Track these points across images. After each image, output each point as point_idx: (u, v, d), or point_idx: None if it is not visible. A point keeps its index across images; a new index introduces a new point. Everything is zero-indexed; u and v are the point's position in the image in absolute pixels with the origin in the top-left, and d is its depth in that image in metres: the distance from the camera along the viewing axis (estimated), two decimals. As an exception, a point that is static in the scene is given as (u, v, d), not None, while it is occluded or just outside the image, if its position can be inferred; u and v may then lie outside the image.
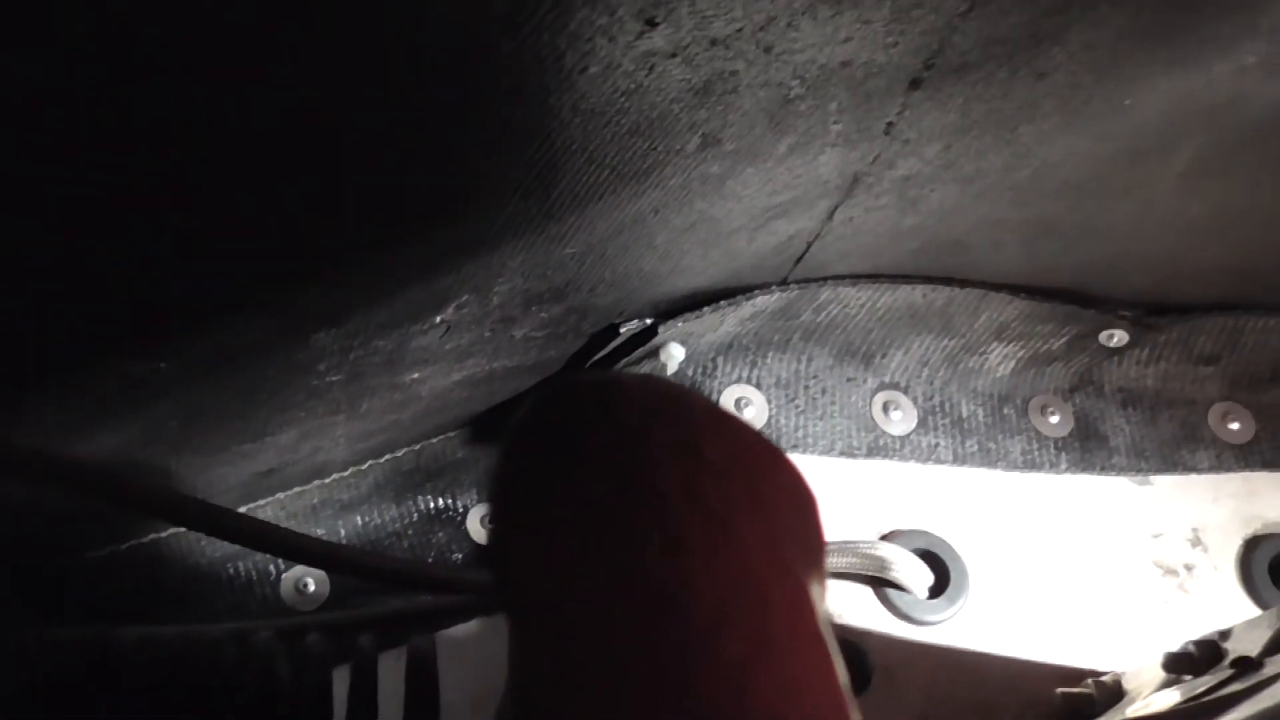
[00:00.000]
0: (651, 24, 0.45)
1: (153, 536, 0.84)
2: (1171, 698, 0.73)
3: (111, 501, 0.61)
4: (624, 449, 0.40)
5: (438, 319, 0.66)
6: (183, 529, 0.82)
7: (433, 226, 0.57)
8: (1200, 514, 0.95)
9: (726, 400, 0.90)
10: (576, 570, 0.38)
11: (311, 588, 0.89)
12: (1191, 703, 0.69)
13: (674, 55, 0.48)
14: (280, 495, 0.89)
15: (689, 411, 0.43)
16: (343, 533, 0.92)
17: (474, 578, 0.77)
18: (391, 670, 0.61)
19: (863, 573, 0.86)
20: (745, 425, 0.45)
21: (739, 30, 0.48)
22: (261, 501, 0.88)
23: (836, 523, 0.88)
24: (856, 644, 0.84)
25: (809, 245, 0.79)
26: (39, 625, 0.77)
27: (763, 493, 0.41)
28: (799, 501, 0.43)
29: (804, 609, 0.38)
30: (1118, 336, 0.94)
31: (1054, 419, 0.96)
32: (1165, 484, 0.96)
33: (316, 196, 0.50)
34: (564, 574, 0.38)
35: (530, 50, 0.43)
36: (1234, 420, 0.97)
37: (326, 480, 0.90)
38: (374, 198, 0.53)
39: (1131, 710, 0.76)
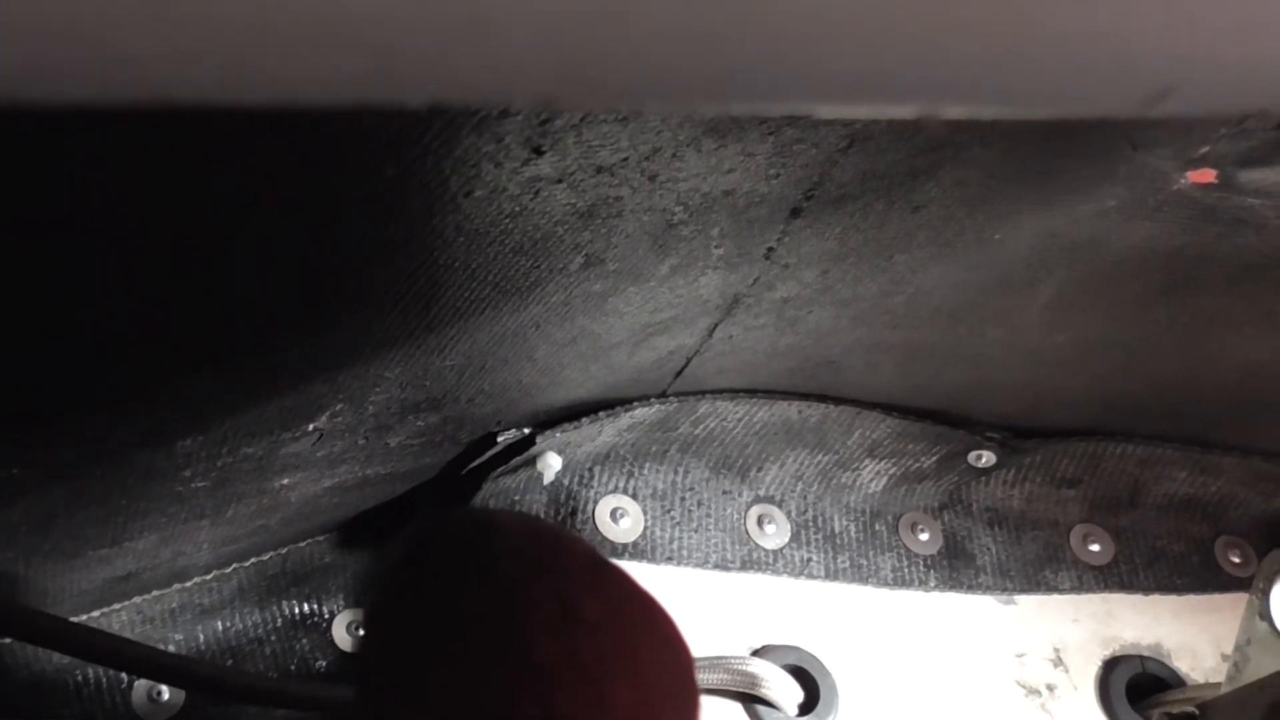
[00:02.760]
0: (538, 152, 0.45)
1: (-4, 641, 0.80)
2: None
3: None
4: (502, 608, 0.40)
5: (310, 427, 0.65)
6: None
7: (308, 335, 0.56)
8: (1062, 634, 0.97)
9: (602, 510, 0.90)
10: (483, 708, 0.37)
11: (165, 696, 0.85)
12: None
13: (560, 181, 0.49)
14: (137, 599, 0.85)
15: (567, 564, 0.43)
16: (202, 638, 0.89)
17: (333, 694, 0.75)
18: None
19: (734, 689, 0.86)
20: (622, 576, 0.44)
21: (624, 159, 0.49)
22: (117, 606, 0.84)
23: (708, 637, 0.88)
24: (725, 763, 0.84)
25: (688, 360, 0.80)
26: None
27: (638, 651, 0.41)
28: (674, 656, 0.43)
29: None
30: (985, 457, 0.96)
31: (924, 536, 0.97)
32: (1029, 603, 0.97)
33: (185, 302, 0.49)
34: None
35: (414, 173, 0.43)
36: (1094, 542, 1.00)
37: (187, 584, 0.87)
38: (246, 305, 0.52)
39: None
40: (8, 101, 0.15)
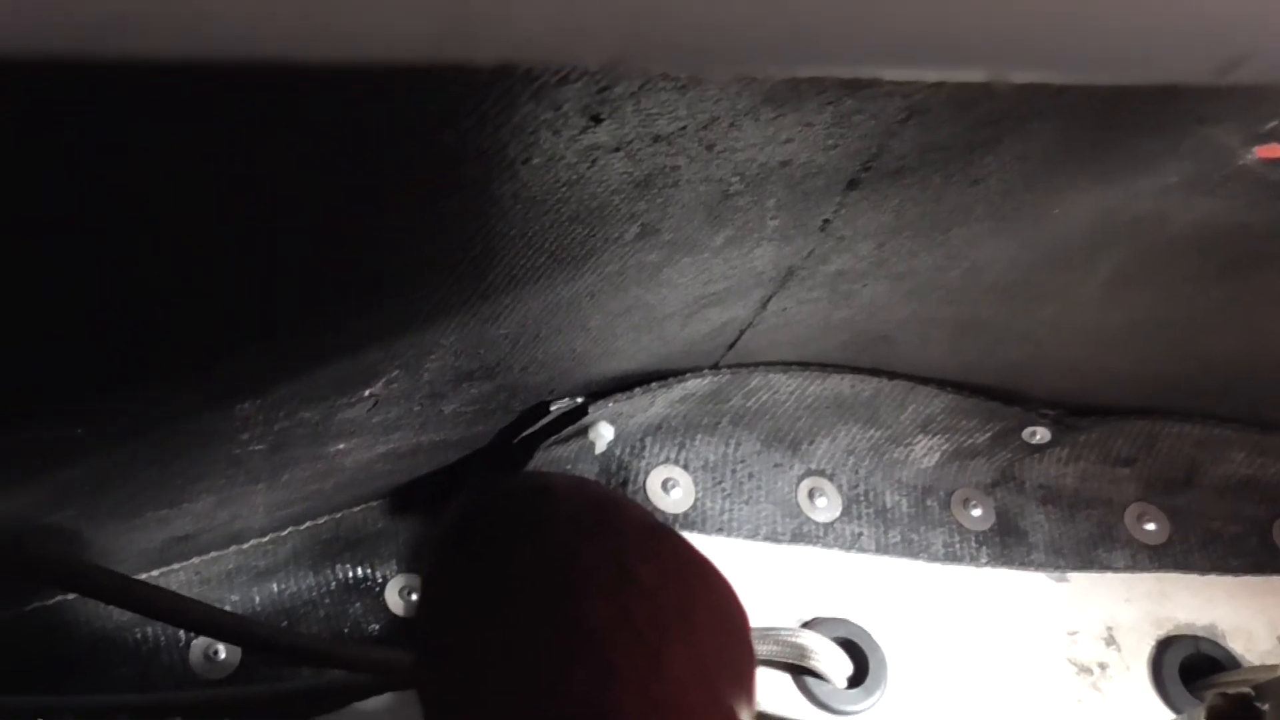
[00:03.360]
0: (596, 120, 0.45)
1: (58, 599, 0.81)
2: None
3: (3, 569, 0.59)
4: (555, 572, 0.40)
5: (366, 393, 0.66)
6: (89, 594, 0.80)
7: (365, 305, 0.56)
8: (1115, 613, 0.96)
9: (654, 481, 0.90)
10: (508, 695, 0.37)
11: (222, 655, 0.87)
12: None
13: (617, 149, 0.49)
14: (195, 560, 0.86)
15: (622, 527, 0.43)
16: (257, 600, 0.90)
17: (387, 657, 0.76)
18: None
19: (782, 660, 0.86)
20: (678, 540, 0.44)
21: (682, 128, 0.49)
22: (175, 566, 0.86)
23: (758, 608, 0.88)
24: (774, 734, 0.84)
25: (741, 333, 0.80)
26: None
27: (695, 615, 0.41)
28: (730, 622, 0.43)
29: None
30: (1040, 434, 0.95)
31: (976, 512, 0.97)
32: (1081, 581, 0.97)
33: (247, 272, 0.50)
34: (496, 698, 0.37)
35: (472, 141, 0.43)
36: (1149, 521, 0.99)
37: (244, 546, 0.88)
38: (306, 275, 0.52)
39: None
40: (82, 55, 0.15)
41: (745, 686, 0.42)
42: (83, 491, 0.65)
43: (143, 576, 0.84)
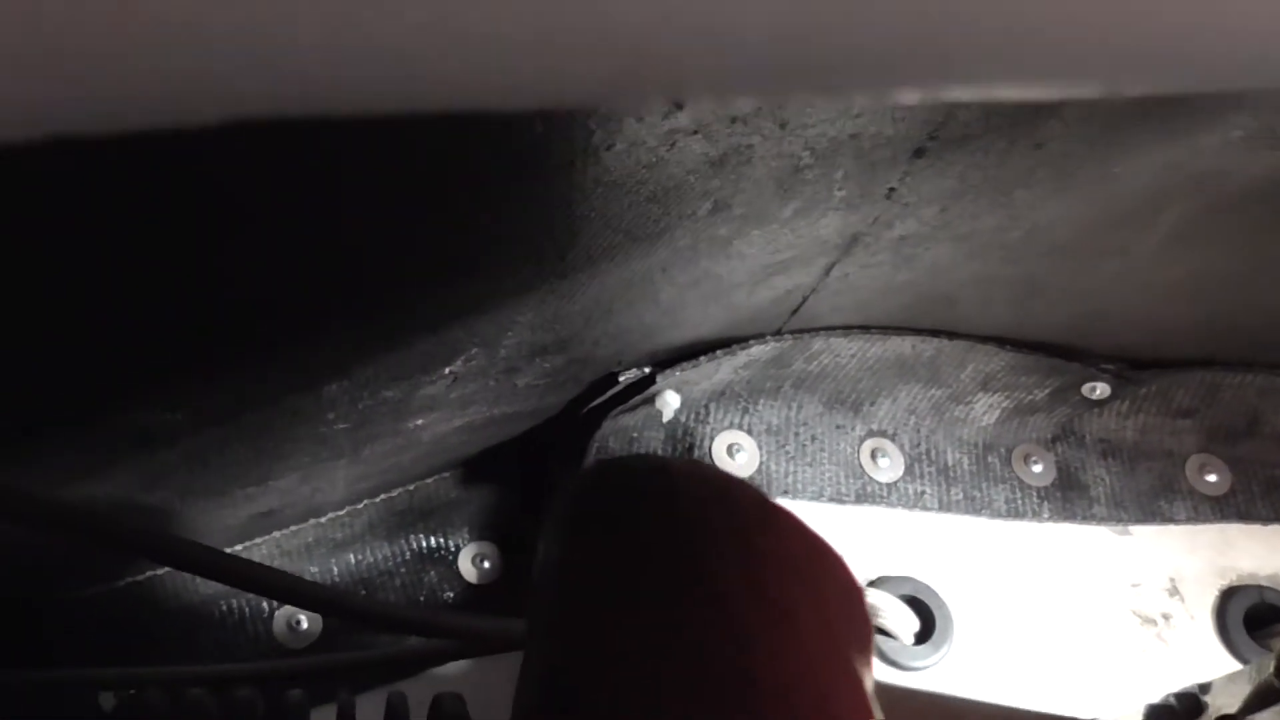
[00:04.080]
0: (679, 105, 0.46)
1: (149, 574, 0.84)
2: (1154, 748, 0.75)
3: (103, 544, 0.61)
4: (684, 543, 0.41)
5: (446, 370, 0.68)
6: (177, 568, 0.82)
7: (448, 286, 0.58)
8: (1177, 564, 0.97)
9: (719, 446, 0.91)
10: (647, 658, 0.38)
11: (304, 625, 0.90)
12: (1174, 756, 0.71)
13: (695, 132, 0.50)
14: (276, 534, 0.89)
15: (738, 503, 0.44)
16: (336, 571, 0.93)
17: (469, 624, 0.78)
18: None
19: (850, 619, 0.87)
20: (790, 516, 0.46)
21: (758, 109, 0.50)
22: (258, 540, 0.88)
23: (825, 569, 0.90)
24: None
25: (805, 299, 0.81)
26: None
27: (818, 584, 0.42)
28: (850, 593, 0.45)
29: (860, 702, 0.40)
30: (1099, 389, 0.96)
31: (1037, 468, 0.98)
32: (1144, 534, 0.98)
33: (334, 261, 0.52)
34: (631, 667, 0.38)
35: (560, 130, 0.45)
36: (1211, 472, 1.00)
37: (322, 520, 0.91)
38: (392, 260, 0.54)
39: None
40: (295, 114, 0.17)
41: (866, 653, 0.43)
42: (178, 472, 0.68)
43: (226, 550, 0.87)
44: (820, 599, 0.42)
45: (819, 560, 0.44)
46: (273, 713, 0.58)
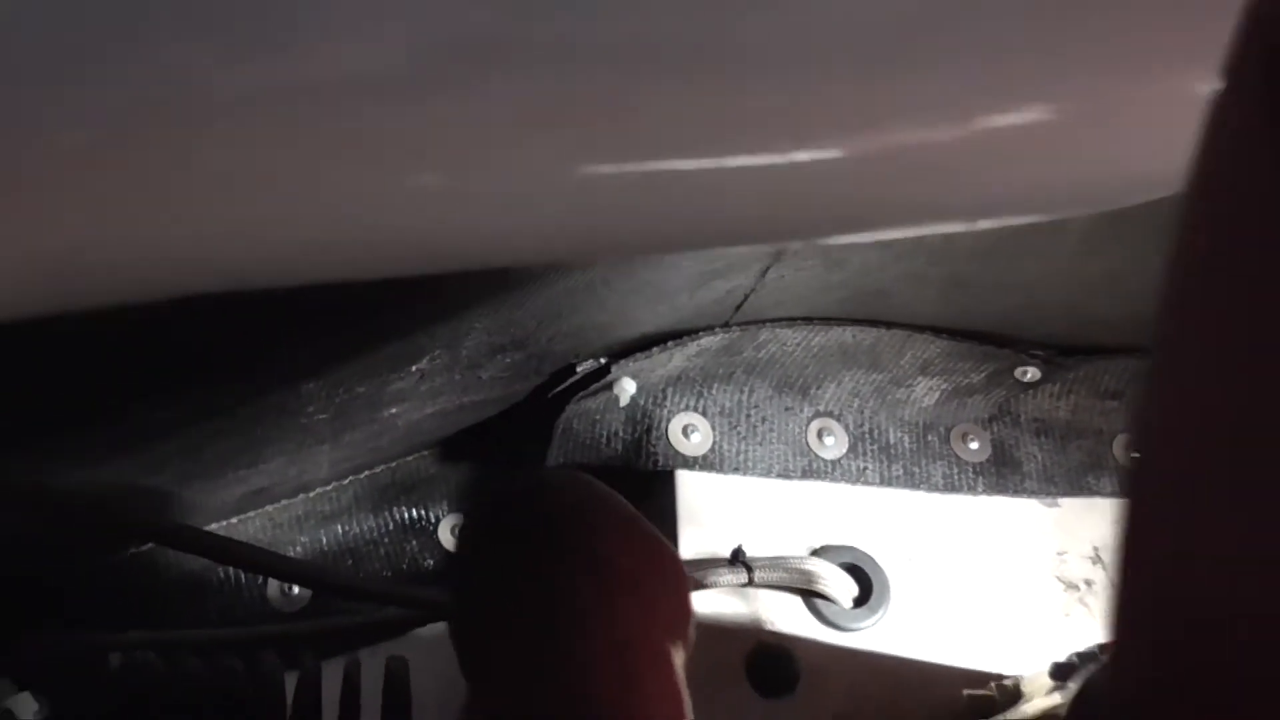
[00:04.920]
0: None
1: (150, 545, 0.93)
2: (1055, 700, 0.84)
3: (103, 530, 0.70)
4: (548, 549, 0.50)
5: (413, 368, 0.76)
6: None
7: (410, 300, 0.66)
8: (1103, 534, 1.05)
9: (675, 427, 0.99)
10: (514, 626, 0.48)
11: (295, 590, 0.98)
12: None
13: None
14: (268, 508, 0.98)
15: (595, 517, 0.53)
16: (325, 541, 1.01)
17: (428, 595, 0.86)
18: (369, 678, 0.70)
19: (794, 585, 0.95)
20: (638, 527, 0.55)
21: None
22: (251, 514, 0.97)
23: (772, 539, 0.98)
24: (786, 648, 0.94)
25: (746, 297, 0.89)
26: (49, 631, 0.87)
27: (642, 579, 0.51)
28: (675, 588, 0.54)
29: (666, 674, 0.49)
30: (1031, 373, 1.04)
31: (973, 445, 1.06)
32: (1072, 506, 1.06)
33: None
34: (507, 627, 0.48)
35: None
36: (1135, 449, 1.07)
37: (310, 494, 0.99)
38: (359, 289, 0.62)
39: (1022, 711, 0.86)
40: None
41: (681, 633, 0.52)
42: (175, 459, 0.76)
43: (223, 523, 0.96)
44: (640, 591, 0.50)
45: (650, 562, 0.53)
46: (252, 676, 0.67)
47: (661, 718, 0.48)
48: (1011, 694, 0.91)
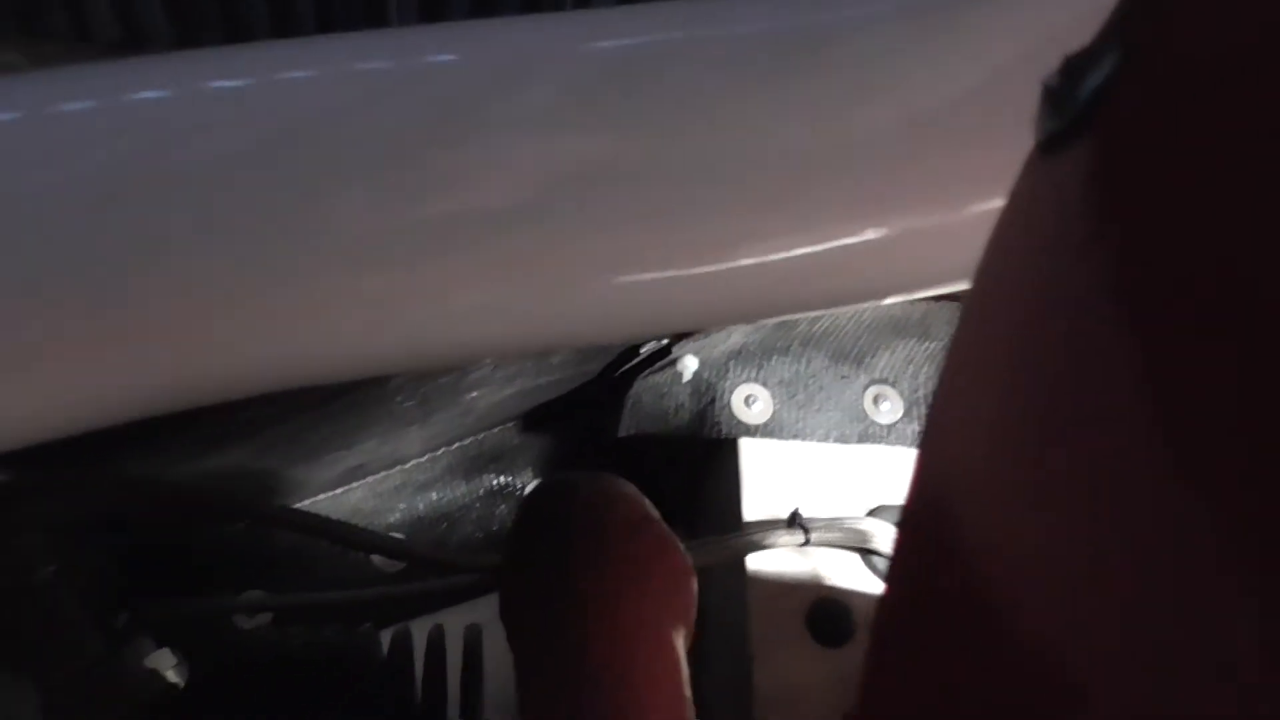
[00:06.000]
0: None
1: (266, 517, 1.03)
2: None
3: (212, 516, 0.80)
4: (567, 543, 0.59)
5: (487, 359, 0.84)
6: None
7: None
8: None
9: (736, 398, 1.06)
10: (539, 610, 0.56)
11: (394, 553, 1.08)
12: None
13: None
14: (369, 479, 1.07)
15: (610, 517, 0.61)
16: (421, 508, 1.11)
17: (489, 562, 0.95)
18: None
19: (851, 544, 1.03)
20: (648, 525, 0.63)
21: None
22: (354, 485, 1.07)
23: (830, 500, 1.05)
24: (843, 602, 1.01)
25: (796, 279, 0.95)
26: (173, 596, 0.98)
27: (649, 572, 0.60)
28: (680, 582, 0.62)
29: (671, 662, 0.57)
30: (1077, 337, 1.08)
31: (1024, 407, 1.11)
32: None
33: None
34: (542, 603, 0.57)
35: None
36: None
37: (406, 466, 1.09)
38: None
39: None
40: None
41: (684, 620, 0.60)
42: (278, 445, 0.86)
43: (326, 495, 1.06)
44: (646, 584, 0.58)
45: (658, 556, 0.61)
46: (350, 637, 0.76)
47: (660, 691, 0.56)
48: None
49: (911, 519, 0.36)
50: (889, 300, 0.43)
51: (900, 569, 0.36)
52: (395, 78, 0.37)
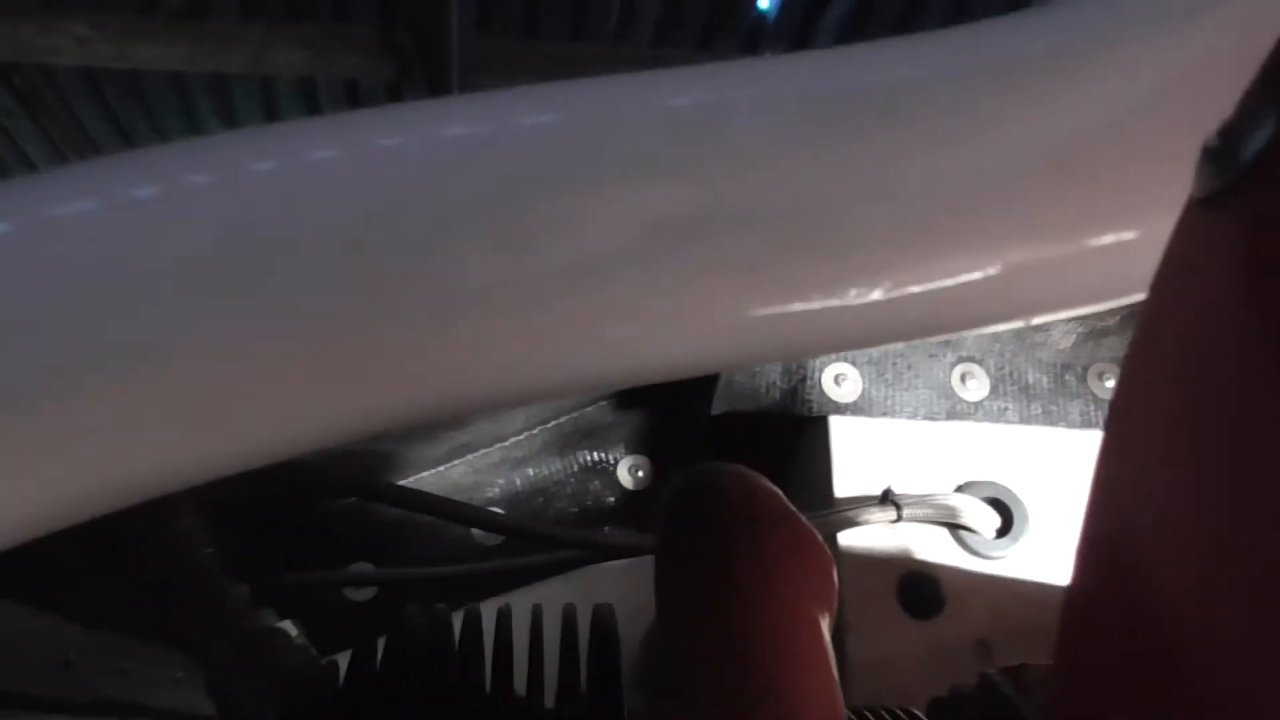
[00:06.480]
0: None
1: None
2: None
3: (329, 492, 0.84)
4: (707, 527, 0.62)
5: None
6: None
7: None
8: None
9: (827, 377, 1.09)
10: (714, 589, 0.60)
11: (489, 529, 1.13)
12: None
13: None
14: (470, 457, 1.12)
15: (758, 512, 0.65)
16: (518, 483, 1.15)
17: (595, 538, 0.98)
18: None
19: (940, 520, 1.05)
20: (789, 517, 0.66)
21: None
22: (456, 462, 1.11)
23: (919, 476, 1.07)
24: (932, 575, 1.04)
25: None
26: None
27: (800, 562, 0.63)
28: (822, 567, 0.65)
29: (815, 637, 0.60)
30: (1164, 315, 1.10)
31: (1109, 383, 1.13)
32: (1206, 438, 1.12)
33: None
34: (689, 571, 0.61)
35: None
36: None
37: (505, 443, 1.13)
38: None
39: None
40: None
41: (828, 603, 0.63)
42: (392, 433, 0.90)
43: (430, 471, 1.10)
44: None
45: (802, 546, 0.64)
46: (426, 618, 0.79)
47: (815, 671, 0.59)
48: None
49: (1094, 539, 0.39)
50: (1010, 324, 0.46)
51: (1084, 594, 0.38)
52: (491, 141, 0.41)
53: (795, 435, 1.12)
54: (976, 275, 0.43)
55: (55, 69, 3.94)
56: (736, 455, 1.11)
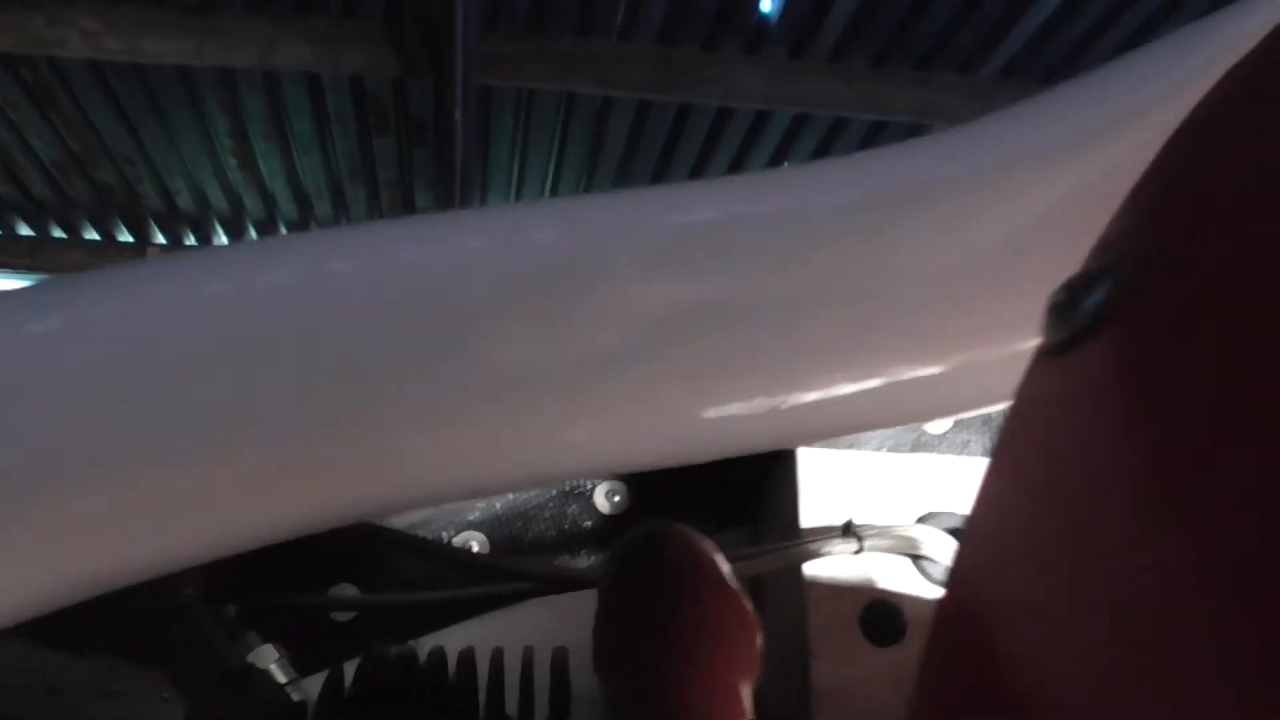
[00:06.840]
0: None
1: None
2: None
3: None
4: (650, 589, 0.67)
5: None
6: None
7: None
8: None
9: (796, 410, 1.13)
10: (646, 654, 0.64)
11: (475, 548, 1.17)
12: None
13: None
14: (451, 482, 1.15)
15: (694, 577, 0.69)
16: (499, 505, 1.19)
17: (574, 574, 1.02)
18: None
19: (900, 551, 1.09)
20: (722, 585, 0.70)
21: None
22: (437, 488, 1.15)
23: (882, 508, 1.11)
24: (894, 604, 1.08)
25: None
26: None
27: (725, 631, 0.67)
28: (747, 635, 0.69)
29: (736, 706, 0.65)
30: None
31: (1071, 417, 1.16)
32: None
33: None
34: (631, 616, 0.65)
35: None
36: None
37: (485, 469, 1.17)
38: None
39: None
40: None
41: (751, 671, 0.68)
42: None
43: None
44: (723, 640, 0.66)
45: (731, 615, 0.68)
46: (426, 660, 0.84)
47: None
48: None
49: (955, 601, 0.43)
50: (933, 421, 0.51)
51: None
52: (504, 251, 0.45)
53: (764, 465, 1.16)
54: (866, 386, 0.46)
55: (63, 61, 3.98)
56: (708, 484, 1.15)
